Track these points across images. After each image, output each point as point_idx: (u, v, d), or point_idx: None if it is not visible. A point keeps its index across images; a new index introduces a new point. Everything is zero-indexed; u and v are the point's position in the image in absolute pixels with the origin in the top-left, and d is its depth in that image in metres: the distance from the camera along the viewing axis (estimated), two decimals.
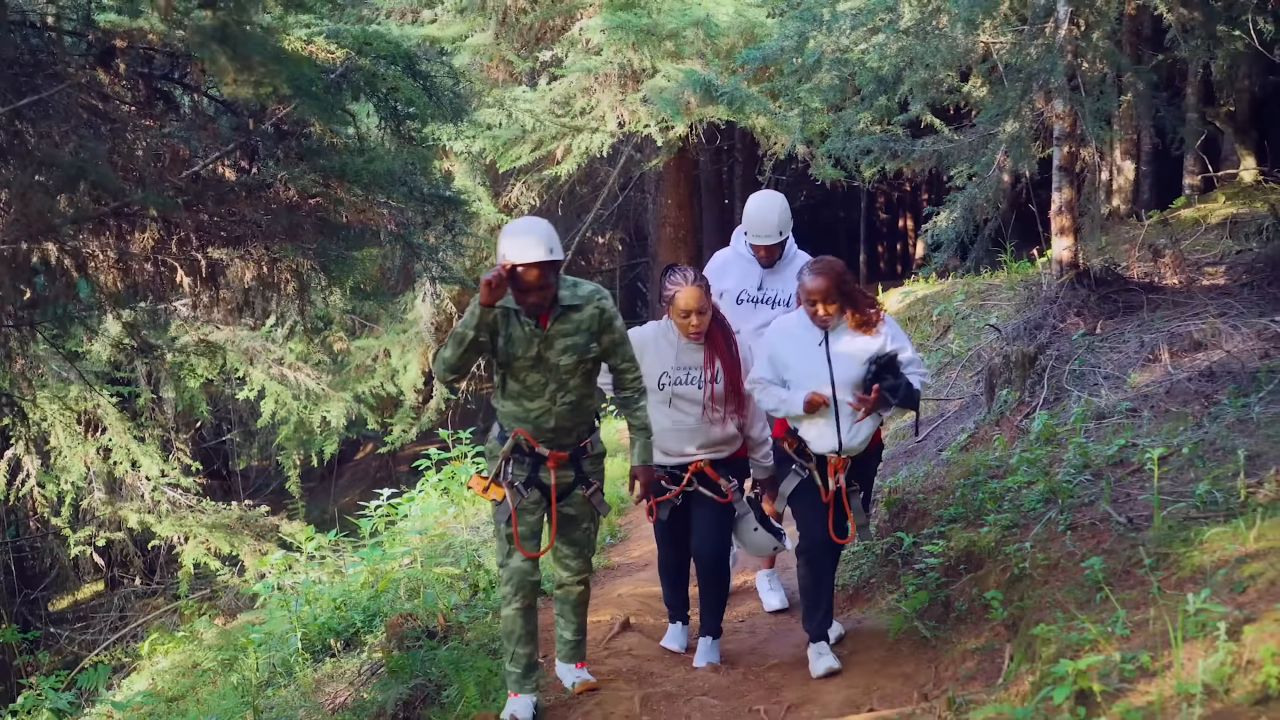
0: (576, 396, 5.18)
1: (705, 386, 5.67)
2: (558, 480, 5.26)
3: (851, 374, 5.35)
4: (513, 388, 5.16)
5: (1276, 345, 6.51)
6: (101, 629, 13.72)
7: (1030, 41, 7.90)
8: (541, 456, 5.21)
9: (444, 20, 13.19)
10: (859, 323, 5.39)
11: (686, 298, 5.55)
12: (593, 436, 5.36)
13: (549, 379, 5.10)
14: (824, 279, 5.30)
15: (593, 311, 5.10)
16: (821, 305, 5.31)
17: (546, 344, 5.05)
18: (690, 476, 5.77)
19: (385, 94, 6.91)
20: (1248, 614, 3.76)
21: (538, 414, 5.15)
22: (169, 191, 5.44)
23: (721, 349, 5.69)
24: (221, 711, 7.10)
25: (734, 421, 5.78)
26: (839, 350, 5.39)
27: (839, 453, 5.41)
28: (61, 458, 11.99)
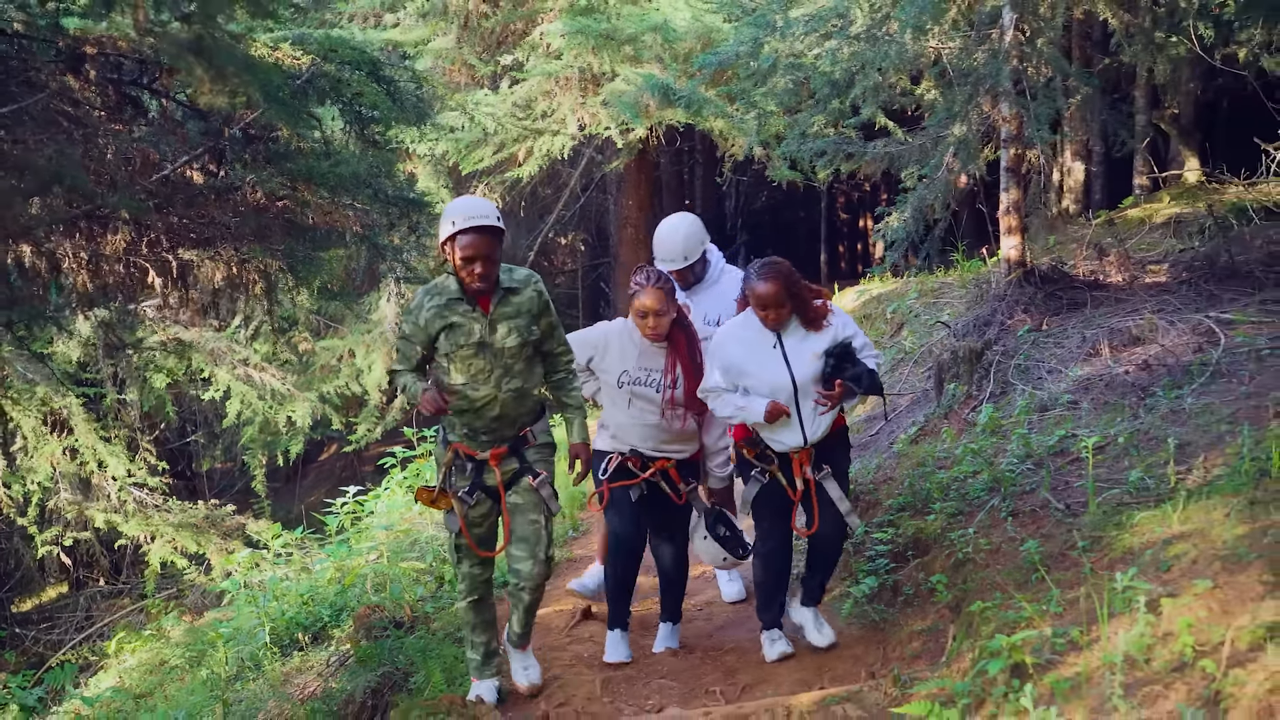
0: (521, 382, 5.18)
1: (664, 390, 5.65)
2: (502, 473, 5.27)
3: (810, 370, 5.30)
4: (457, 380, 5.14)
5: (1210, 339, 6.77)
6: (67, 629, 13.72)
7: (977, 46, 8.14)
8: (483, 461, 5.26)
9: (406, 25, 13.32)
10: (809, 319, 5.34)
11: (645, 298, 5.53)
12: (536, 425, 5.35)
13: (494, 365, 5.11)
14: (773, 284, 5.23)
15: (531, 294, 5.16)
16: (773, 310, 5.26)
17: (490, 328, 5.09)
18: (656, 471, 5.76)
19: (350, 99, 7.09)
20: (1171, 590, 4.00)
21: (483, 403, 5.15)
22: (140, 195, 5.60)
23: (683, 353, 5.66)
24: (191, 706, 7.16)
25: (693, 421, 5.78)
26: (794, 349, 5.33)
27: (804, 446, 5.38)
28: (28, 458, 12.05)
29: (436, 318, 5.10)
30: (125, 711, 8.46)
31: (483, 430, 5.23)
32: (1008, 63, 8.03)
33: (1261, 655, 3.41)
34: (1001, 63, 8.01)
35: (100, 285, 6.30)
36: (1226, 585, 3.89)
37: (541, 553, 5.30)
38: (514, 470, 5.29)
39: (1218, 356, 6.49)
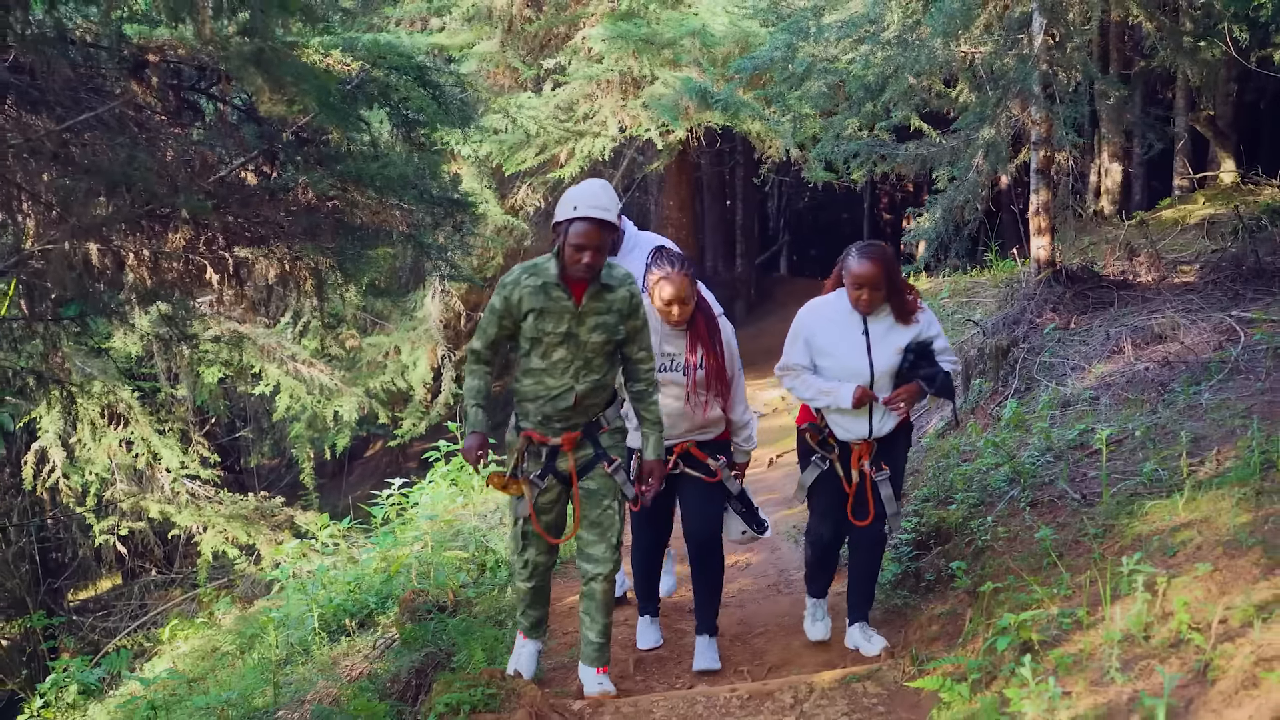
0: (599, 376, 5.13)
1: (688, 374, 5.52)
2: (576, 459, 5.23)
3: (889, 363, 5.25)
4: (536, 365, 5.11)
5: (1230, 337, 6.95)
6: (122, 617, 14.10)
7: (1006, 51, 8.33)
8: (556, 446, 5.20)
9: (452, 29, 13.64)
10: (900, 312, 5.25)
11: (671, 287, 5.38)
12: (608, 411, 5.28)
13: (575, 356, 5.06)
14: (874, 264, 5.13)
15: (625, 294, 5.07)
16: (869, 291, 5.15)
17: (579, 320, 5.02)
18: (676, 459, 5.65)
19: (397, 103, 7.34)
20: (1173, 573, 4.22)
21: (558, 392, 5.11)
22: (199, 195, 5.90)
23: (704, 336, 5.52)
24: (243, 688, 7.47)
25: (717, 404, 5.62)
26: (879, 338, 5.26)
27: (867, 439, 5.36)
28: (86, 450, 12.42)
29: (530, 298, 5.02)
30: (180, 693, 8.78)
31: (556, 418, 5.17)
32: (1037, 67, 8.22)
33: (1250, 631, 3.63)
34: (1031, 67, 8.20)
35: (159, 281, 6.60)
36: (1226, 568, 4.10)
37: (614, 538, 5.26)
38: (589, 456, 5.24)
39: (1236, 354, 6.68)
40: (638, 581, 6.08)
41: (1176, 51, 9.52)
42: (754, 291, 21.78)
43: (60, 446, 12.42)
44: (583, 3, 12.99)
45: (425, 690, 6.16)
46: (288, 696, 6.81)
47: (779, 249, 27.32)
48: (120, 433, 12.68)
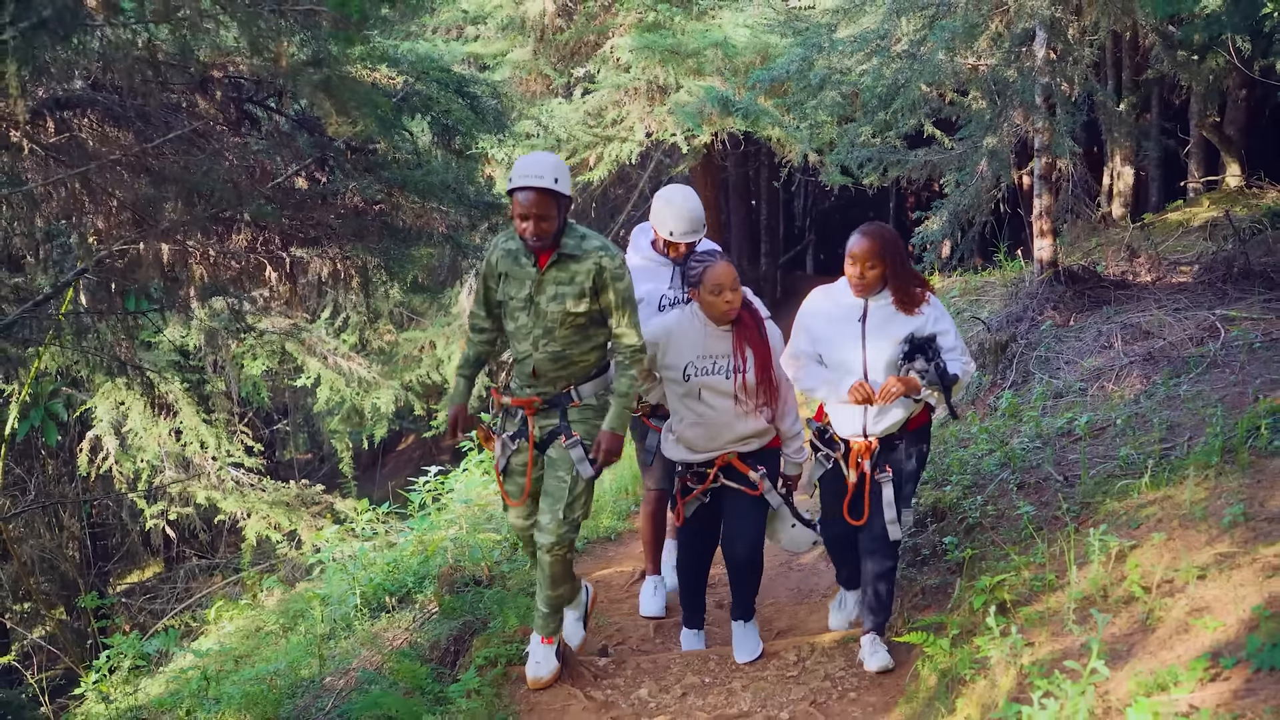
0: (561, 347, 5.11)
1: (734, 375, 5.32)
2: (539, 427, 5.24)
3: (885, 354, 5.02)
4: (509, 327, 5.21)
5: (1211, 334, 7.45)
6: (168, 600, 14.70)
7: (1010, 63, 8.85)
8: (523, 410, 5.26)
9: (487, 38, 14.22)
10: (902, 300, 5.02)
11: (718, 273, 5.21)
12: (584, 387, 5.23)
13: (535, 324, 5.08)
14: (868, 240, 4.93)
15: (590, 266, 5.02)
16: (861, 267, 4.93)
17: (538, 288, 5.05)
18: (717, 472, 5.50)
19: (439, 113, 7.93)
20: (1133, 543, 4.76)
21: (522, 357, 5.17)
22: (261, 200, 6.50)
23: (752, 334, 5.36)
24: (290, 660, 8.04)
25: (765, 414, 5.44)
26: (876, 327, 5.04)
27: (864, 436, 5.16)
28: (137, 438, 13.05)
29: (502, 261, 5.14)
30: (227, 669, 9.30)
31: (525, 384, 5.24)
32: (1038, 79, 8.73)
33: (1188, 588, 4.17)
34: (1032, 80, 8.71)
35: (221, 278, 7.19)
36: (1179, 538, 4.64)
37: (561, 511, 5.15)
38: (552, 426, 5.23)
39: (1215, 349, 7.19)
40: (682, 595, 5.98)
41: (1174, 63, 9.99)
42: (779, 290, 22.23)
43: (114, 435, 13.06)
44: (612, 14, 13.55)
45: (463, 655, 6.69)
46: (332, 667, 7.23)
47: (805, 247, 27.76)
48: (169, 422, 13.32)
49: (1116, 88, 14.58)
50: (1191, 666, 3.60)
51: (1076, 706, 3.55)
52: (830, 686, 5.25)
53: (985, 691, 4.34)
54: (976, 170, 8.86)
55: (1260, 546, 4.29)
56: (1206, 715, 3.23)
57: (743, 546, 5.54)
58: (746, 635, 5.70)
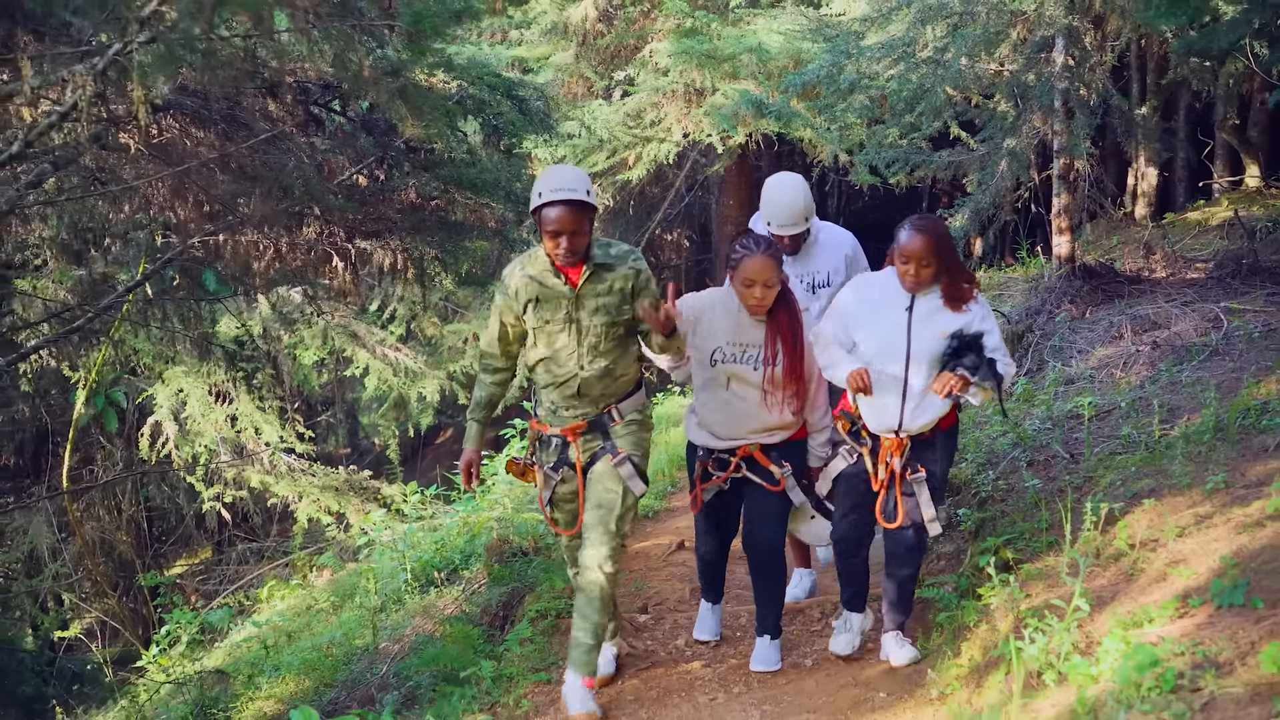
0: (608, 362, 4.96)
1: (763, 367, 5.18)
2: (584, 450, 5.07)
3: (930, 348, 4.91)
4: (542, 353, 4.97)
5: (1215, 325, 7.92)
6: (221, 580, 15.34)
7: (1029, 69, 9.33)
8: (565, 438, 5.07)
9: (531, 42, 14.83)
10: (950, 295, 4.91)
11: (752, 266, 5.03)
12: (625, 403, 5.09)
13: (579, 342, 4.90)
14: (922, 238, 4.81)
15: (627, 272, 4.91)
16: (915, 266, 4.83)
17: (577, 304, 4.87)
18: (739, 462, 5.36)
19: (490, 115, 8.49)
20: (1126, 508, 5.26)
21: (564, 379, 4.95)
22: (330, 196, 7.08)
23: (785, 329, 5.18)
24: (345, 631, 8.53)
25: (792, 405, 5.27)
26: (922, 319, 4.93)
27: (897, 433, 5.04)
28: (195, 424, 13.69)
29: (526, 288, 4.91)
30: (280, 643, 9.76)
31: (564, 406, 5.02)
32: (1057, 84, 9.21)
33: (1169, 544, 4.68)
34: (1051, 84, 9.19)
35: (291, 268, 7.77)
36: (1166, 504, 5.15)
37: (613, 523, 4.96)
38: (596, 448, 5.07)
39: (1217, 339, 7.67)
40: (701, 575, 5.92)
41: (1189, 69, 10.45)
42: None
43: (173, 420, 13.71)
44: (651, 19, 14.14)
45: (513, 618, 7.16)
46: (385, 637, 7.67)
47: None
48: (226, 409, 13.94)
49: (1141, 91, 15.01)
50: (1164, 606, 4.11)
51: (1062, 640, 4.06)
52: None
53: (987, 635, 4.86)
54: (997, 170, 9.35)
55: (1236, 508, 4.80)
56: (1170, 642, 3.74)
57: (763, 544, 5.43)
58: (769, 650, 5.54)
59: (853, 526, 5.24)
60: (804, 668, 5.50)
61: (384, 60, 5.33)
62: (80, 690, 11.41)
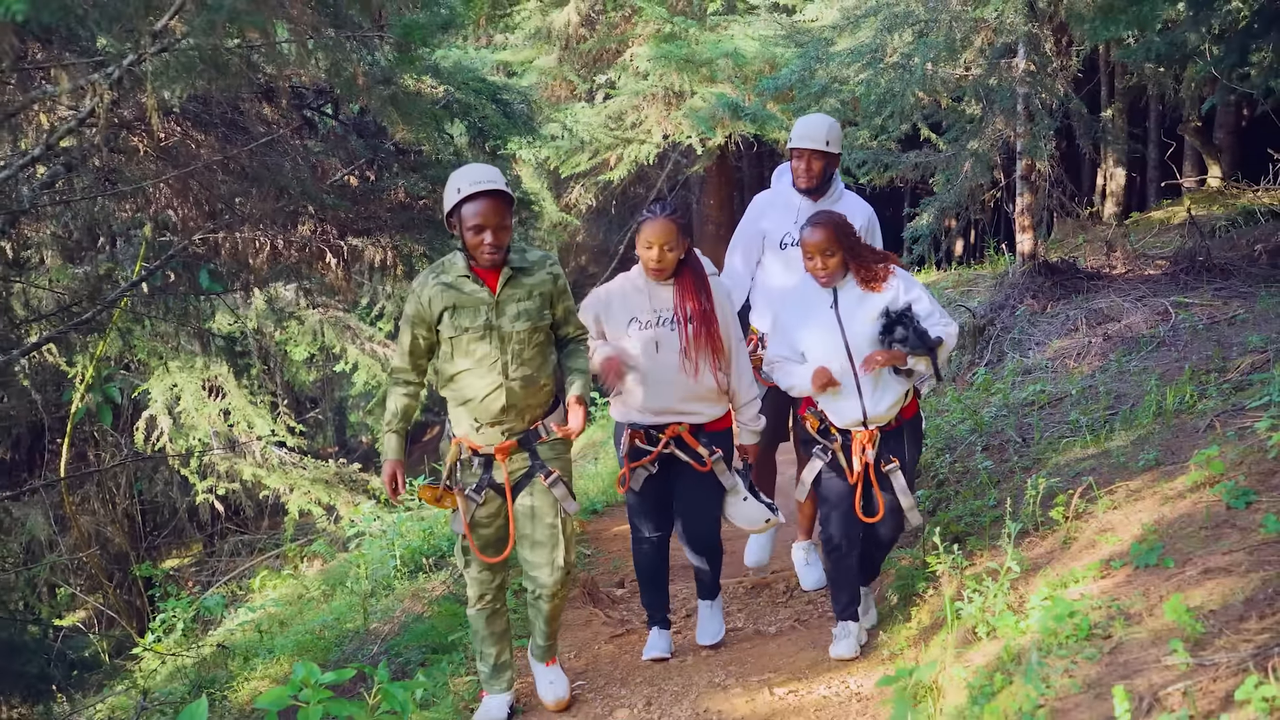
0: (531, 371, 4.74)
1: (678, 328, 5.21)
2: (511, 470, 4.83)
3: (866, 333, 4.99)
4: (461, 365, 4.71)
5: (1164, 318, 8.35)
6: (214, 572, 15.63)
7: (992, 74, 9.76)
8: (490, 456, 4.82)
9: (515, 46, 15.24)
10: (865, 278, 5.01)
11: (652, 228, 5.15)
12: (550, 418, 4.88)
13: (501, 350, 4.67)
14: (821, 230, 4.94)
15: (545, 276, 4.78)
16: (820, 258, 4.95)
17: (497, 310, 4.66)
18: (668, 440, 5.31)
19: (476, 119, 8.87)
20: (1068, 487, 5.68)
21: (488, 392, 4.70)
22: (323, 195, 7.46)
23: (690, 291, 5.22)
24: (337, 615, 8.73)
25: (713, 377, 5.29)
26: (849, 309, 5.03)
27: (865, 424, 5.10)
28: (189, 418, 14.02)
29: (441, 297, 4.67)
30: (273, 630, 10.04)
31: (489, 423, 4.75)
32: (1019, 89, 9.63)
33: (1100, 516, 5.10)
34: (1015, 88, 9.61)
35: (285, 264, 8.14)
36: (1101, 480, 5.56)
37: (560, 558, 4.86)
38: (525, 468, 4.85)
39: (1165, 331, 8.10)
40: (642, 588, 5.77)
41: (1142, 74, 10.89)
42: None
43: (167, 414, 14.04)
44: (631, 25, 14.55)
45: None
46: (378, 616, 7.99)
47: None
48: (219, 403, 14.27)
49: (1109, 94, 15.45)
50: (1089, 569, 4.53)
51: (996, 600, 4.48)
52: (812, 609, 6.18)
53: (934, 601, 5.28)
54: (961, 171, 9.77)
55: (1162, 483, 5.23)
56: (1089, 598, 4.15)
57: (699, 528, 5.45)
58: (711, 616, 5.66)
59: (841, 523, 5.22)
60: (767, 634, 5.91)
61: (376, 68, 5.69)
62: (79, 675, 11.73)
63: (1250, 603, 3.66)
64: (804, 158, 5.87)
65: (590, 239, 18.75)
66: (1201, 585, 3.96)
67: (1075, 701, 3.46)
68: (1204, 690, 3.22)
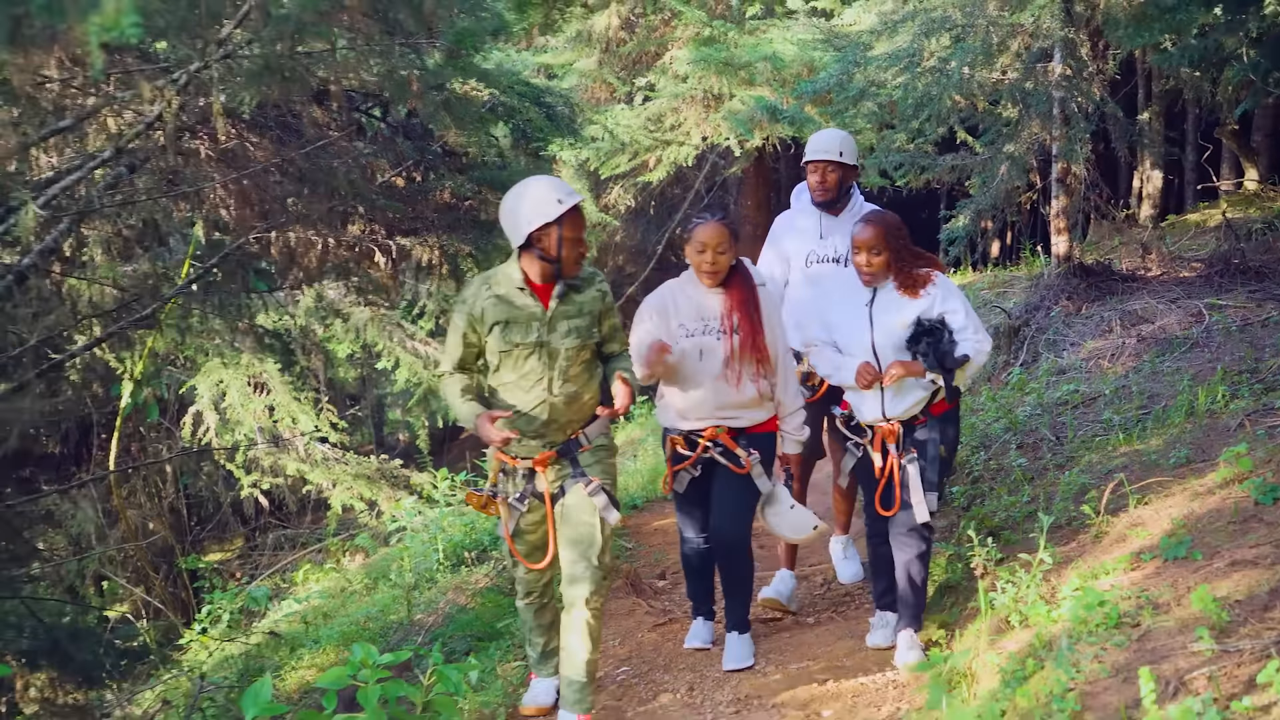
0: (576, 387, 4.74)
1: (723, 338, 5.26)
2: (553, 479, 4.81)
3: (893, 338, 5.04)
4: (506, 379, 4.70)
5: (1198, 320, 8.46)
6: (256, 567, 15.92)
7: (1028, 78, 9.87)
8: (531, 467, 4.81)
9: (556, 49, 15.45)
10: (903, 283, 5.05)
11: (704, 231, 5.19)
12: (589, 428, 4.86)
13: (548, 366, 4.67)
14: (872, 229, 4.99)
15: (595, 294, 4.80)
16: (867, 254, 5.01)
17: (549, 326, 4.66)
18: (707, 443, 5.35)
19: (519, 122, 9.06)
20: (1098, 483, 5.82)
21: (531, 407, 4.68)
22: (373, 196, 7.66)
23: (739, 300, 5.25)
24: (381, 607, 8.99)
25: (755, 386, 5.32)
26: (882, 311, 5.09)
27: (884, 419, 5.15)
28: (235, 413, 14.29)
29: (494, 310, 4.65)
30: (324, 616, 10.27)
31: (531, 435, 4.74)
32: (1055, 93, 9.74)
33: (1131, 511, 5.24)
34: (1049, 92, 9.72)
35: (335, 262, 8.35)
36: (1133, 477, 5.69)
37: (594, 556, 4.75)
38: (566, 476, 4.82)
39: (1198, 333, 8.21)
40: (688, 582, 5.93)
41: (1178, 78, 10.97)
42: None
43: (214, 410, 14.32)
44: (671, 28, 14.72)
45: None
46: (421, 608, 8.11)
47: None
48: (264, 399, 14.53)
49: (1146, 96, 15.51)
50: (1119, 561, 4.68)
51: (1029, 590, 4.63)
52: (850, 600, 6.35)
53: (968, 591, 5.44)
54: (997, 174, 9.89)
55: (1192, 479, 5.36)
56: (1119, 589, 4.30)
57: (726, 538, 5.44)
58: (739, 646, 5.56)
59: (872, 518, 5.37)
60: (806, 624, 6.08)
61: (427, 73, 5.89)
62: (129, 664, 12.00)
63: (1275, 592, 3.81)
64: (819, 171, 5.96)
65: (628, 239, 18.90)
66: (1228, 577, 4.11)
67: (1104, 685, 3.62)
68: (1228, 674, 3.37)
